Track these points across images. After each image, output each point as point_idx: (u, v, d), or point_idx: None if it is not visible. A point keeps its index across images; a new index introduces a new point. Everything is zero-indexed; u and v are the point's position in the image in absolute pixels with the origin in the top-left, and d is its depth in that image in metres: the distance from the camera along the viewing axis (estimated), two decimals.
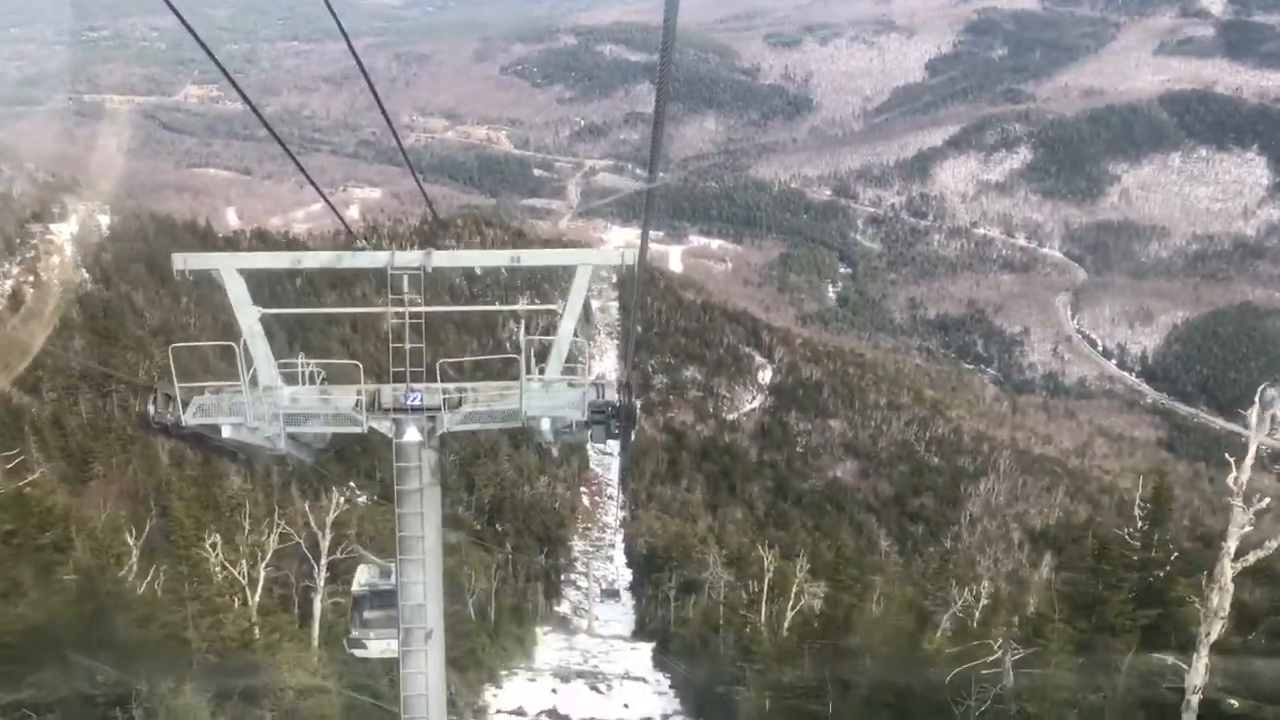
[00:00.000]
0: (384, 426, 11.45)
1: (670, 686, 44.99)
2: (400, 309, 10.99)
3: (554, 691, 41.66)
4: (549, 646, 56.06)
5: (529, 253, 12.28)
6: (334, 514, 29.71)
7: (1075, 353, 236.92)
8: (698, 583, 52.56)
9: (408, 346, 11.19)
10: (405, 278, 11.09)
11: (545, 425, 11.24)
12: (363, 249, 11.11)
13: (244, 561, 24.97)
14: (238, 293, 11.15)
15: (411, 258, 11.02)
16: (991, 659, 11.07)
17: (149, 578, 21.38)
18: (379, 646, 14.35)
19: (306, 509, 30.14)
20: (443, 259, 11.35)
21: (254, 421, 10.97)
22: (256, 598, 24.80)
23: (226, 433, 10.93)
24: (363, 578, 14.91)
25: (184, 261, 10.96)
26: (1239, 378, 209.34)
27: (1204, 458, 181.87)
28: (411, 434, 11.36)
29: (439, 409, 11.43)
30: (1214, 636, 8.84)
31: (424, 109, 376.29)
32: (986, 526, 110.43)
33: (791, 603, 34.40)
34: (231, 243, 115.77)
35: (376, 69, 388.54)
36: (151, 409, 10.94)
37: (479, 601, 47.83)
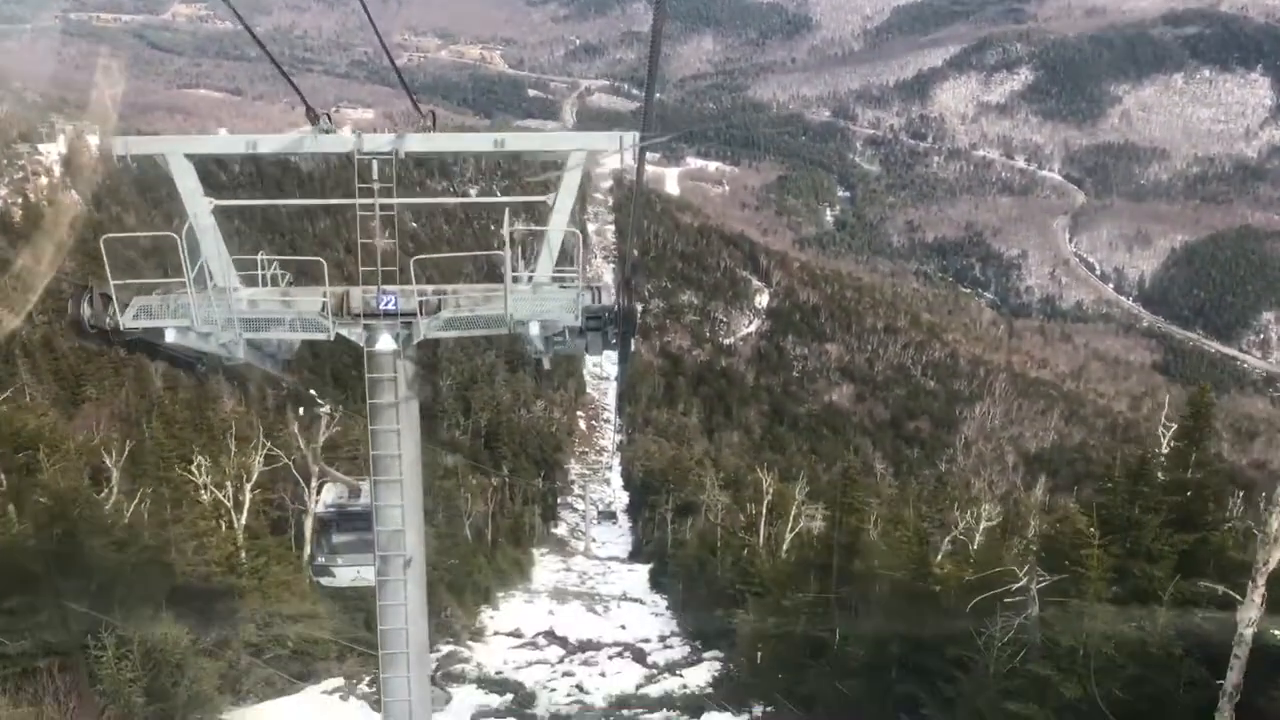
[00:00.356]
0: (354, 334, 10.31)
1: (667, 608, 44.49)
2: (370, 200, 9.74)
3: (551, 613, 41.12)
4: (546, 568, 55.64)
5: (515, 136, 10.62)
6: (325, 435, 28.17)
7: (1073, 276, 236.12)
8: (694, 505, 52.17)
9: (379, 243, 10.04)
10: (375, 165, 9.80)
11: (534, 330, 9.91)
12: (328, 131, 9.63)
13: (229, 484, 23.85)
14: (186, 181, 9.69)
15: (381, 141, 9.73)
16: (1017, 585, 10.32)
17: (135, 502, 20.63)
18: (348, 574, 13.01)
19: (296, 430, 28.46)
20: (417, 143, 9.92)
21: (204, 326, 9.65)
22: (243, 520, 23.69)
23: (171, 338, 9.57)
24: (328, 498, 13.57)
25: (125, 146, 9.47)
26: (1236, 301, 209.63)
27: (1199, 381, 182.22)
28: (385, 342, 10.26)
29: (415, 314, 10.19)
30: (1272, 565, 8.19)
31: (416, 28, 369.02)
32: (982, 449, 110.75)
33: (790, 525, 33.82)
34: (222, 163, 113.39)
35: None
36: (86, 310, 9.37)
37: (476, 524, 47.46)
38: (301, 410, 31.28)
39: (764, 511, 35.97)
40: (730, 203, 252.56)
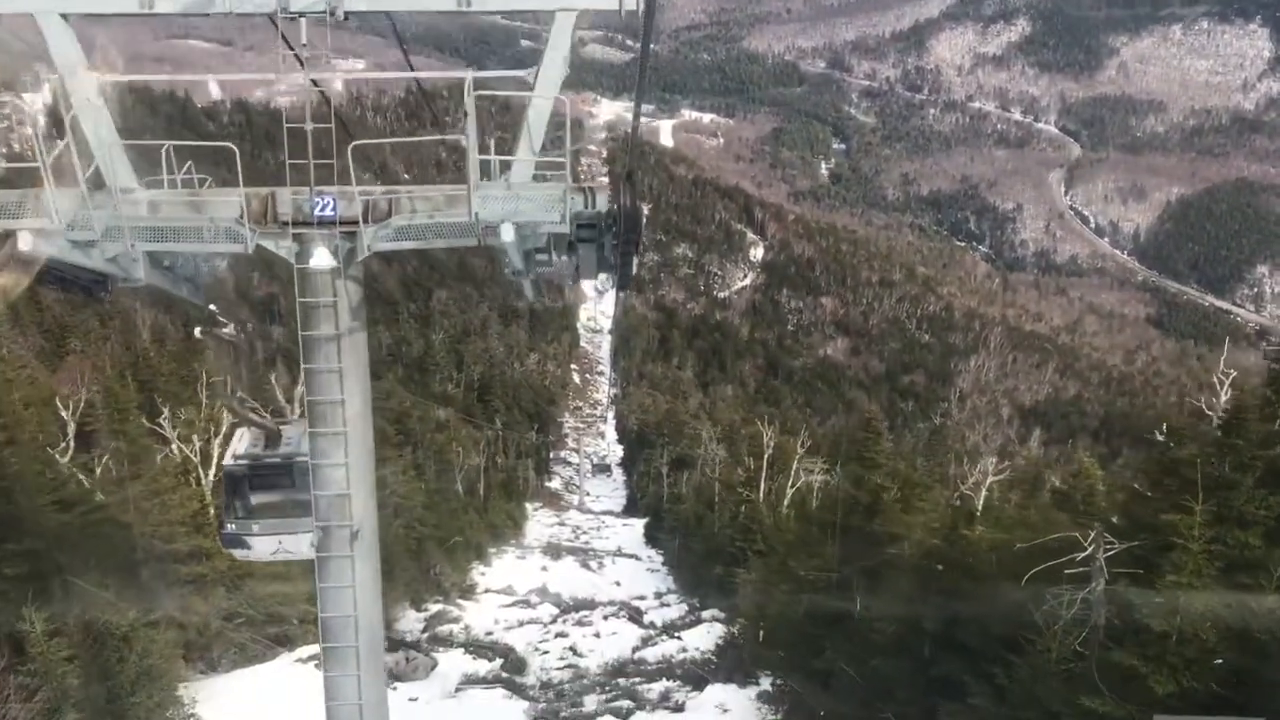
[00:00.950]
0: (281, 247, 7.99)
1: (663, 564, 43.57)
2: (300, 74, 7.66)
3: (544, 569, 39.99)
4: (540, 522, 54.64)
5: None
6: (301, 386, 26.90)
7: (1068, 230, 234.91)
8: (690, 459, 51.08)
9: (309, 128, 7.62)
10: (304, 27, 7.71)
11: (508, 237, 7.43)
12: None
13: (196, 438, 21.77)
14: (64, 49, 7.52)
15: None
16: (1082, 555, 8.77)
17: (104, 459, 19.10)
18: (267, 546, 9.54)
19: (274, 380, 26.58)
20: (360, 2, 7.74)
21: (81, 232, 7.32)
22: (210, 476, 21.43)
23: (25, 245, 7.16)
24: (240, 447, 9.86)
25: None
26: (1230, 255, 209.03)
27: (1192, 335, 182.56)
28: (321, 257, 7.83)
29: (358, 221, 7.79)
30: None
31: None
32: (977, 403, 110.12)
33: (791, 480, 32.42)
34: (211, 113, 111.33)
35: None
36: None
37: (469, 478, 46.45)
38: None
39: (764, 466, 34.34)
40: (725, 155, 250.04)
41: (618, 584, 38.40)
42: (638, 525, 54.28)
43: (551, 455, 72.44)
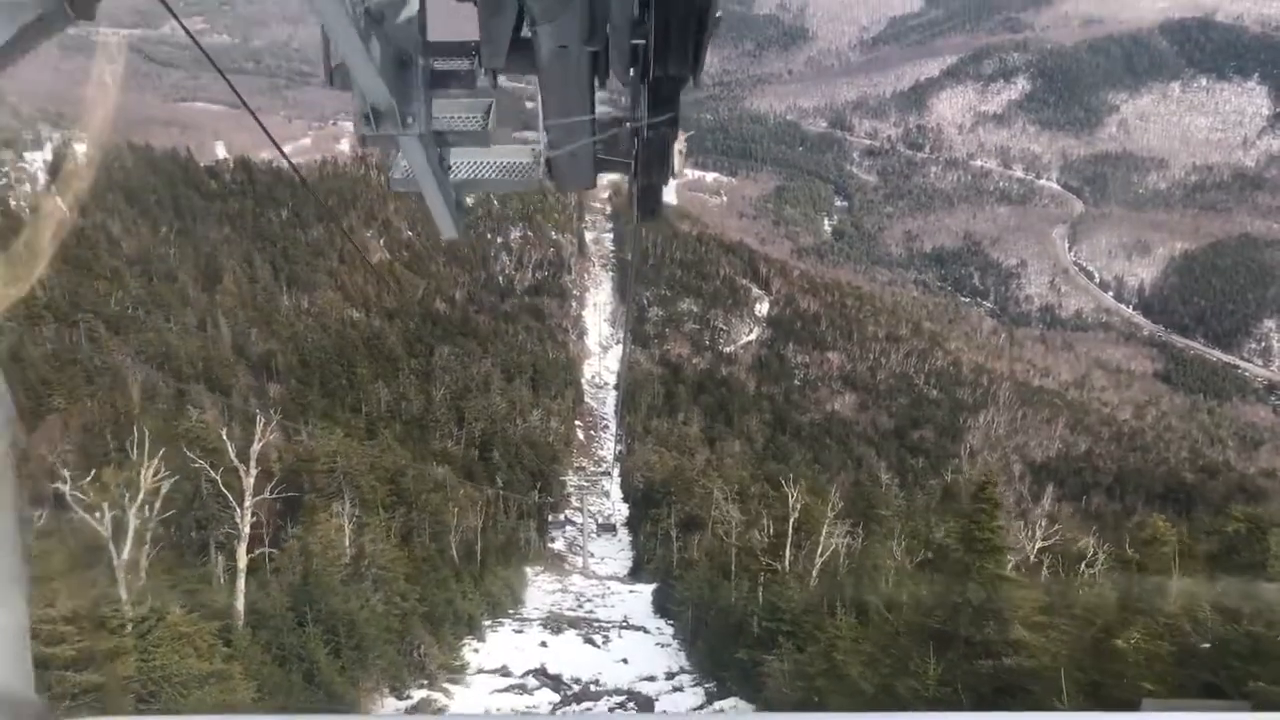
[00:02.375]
0: None
1: (674, 637, 40.42)
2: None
3: (543, 645, 37.46)
4: (540, 588, 52.03)
5: None
6: (260, 442, 24.40)
7: (1072, 285, 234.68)
8: (699, 519, 49.63)
9: None
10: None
11: None
12: None
13: (106, 507, 18.76)
14: None
15: None
16: None
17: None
18: None
19: (224, 435, 24.83)
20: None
21: None
22: (123, 556, 18.46)
23: None
24: None
25: None
26: (1236, 310, 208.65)
27: (1201, 390, 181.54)
28: None
29: None
30: None
31: None
32: (987, 459, 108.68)
33: (821, 548, 29.42)
34: (213, 172, 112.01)
35: None
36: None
37: (466, 540, 44.60)
38: (260, 418, 28.41)
39: (790, 531, 31.47)
40: (728, 213, 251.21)
41: (625, 661, 35.74)
42: (645, 592, 51.46)
43: (551, 518, 70.80)
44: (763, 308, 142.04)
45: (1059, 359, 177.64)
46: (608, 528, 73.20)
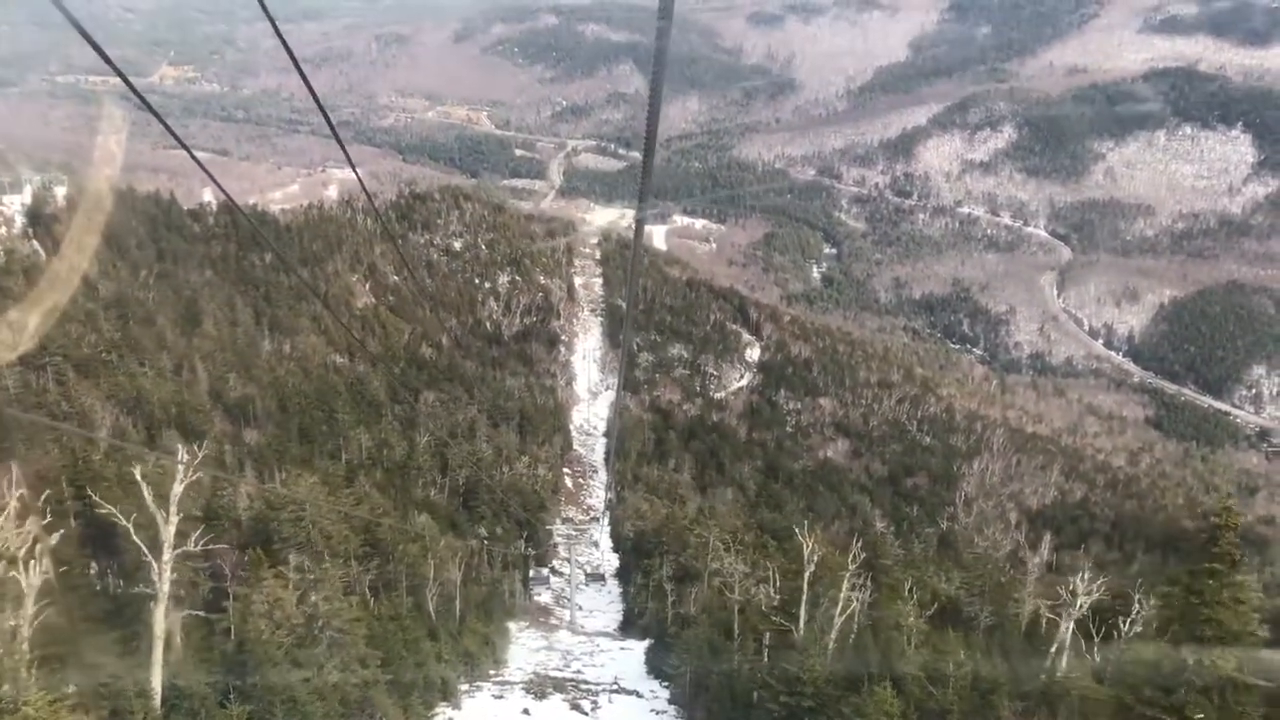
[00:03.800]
0: None
1: (669, 703, 36.73)
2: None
3: (525, 713, 33.65)
4: (524, 645, 48.53)
5: None
6: (181, 485, 20.94)
7: (1061, 332, 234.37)
8: (694, 571, 47.11)
9: None
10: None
11: None
12: None
13: None
14: None
15: None
16: None
17: None
18: None
19: (139, 476, 20.80)
20: None
21: None
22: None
23: None
24: None
25: None
26: (1226, 356, 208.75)
27: (1193, 436, 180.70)
28: None
29: None
30: None
31: (404, 90, 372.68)
32: (983, 506, 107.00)
33: (841, 607, 26.30)
34: (196, 215, 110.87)
35: (355, 50, 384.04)
36: None
37: (447, 592, 41.58)
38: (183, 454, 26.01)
39: (805, 587, 27.50)
40: (717, 260, 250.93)
41: None
42: (637, 649, 47.90)
43: (533, 573, 67.63)
44: (754, 353, 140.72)
45: (1051, 406, 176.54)
46: (596, 577, 70.91)
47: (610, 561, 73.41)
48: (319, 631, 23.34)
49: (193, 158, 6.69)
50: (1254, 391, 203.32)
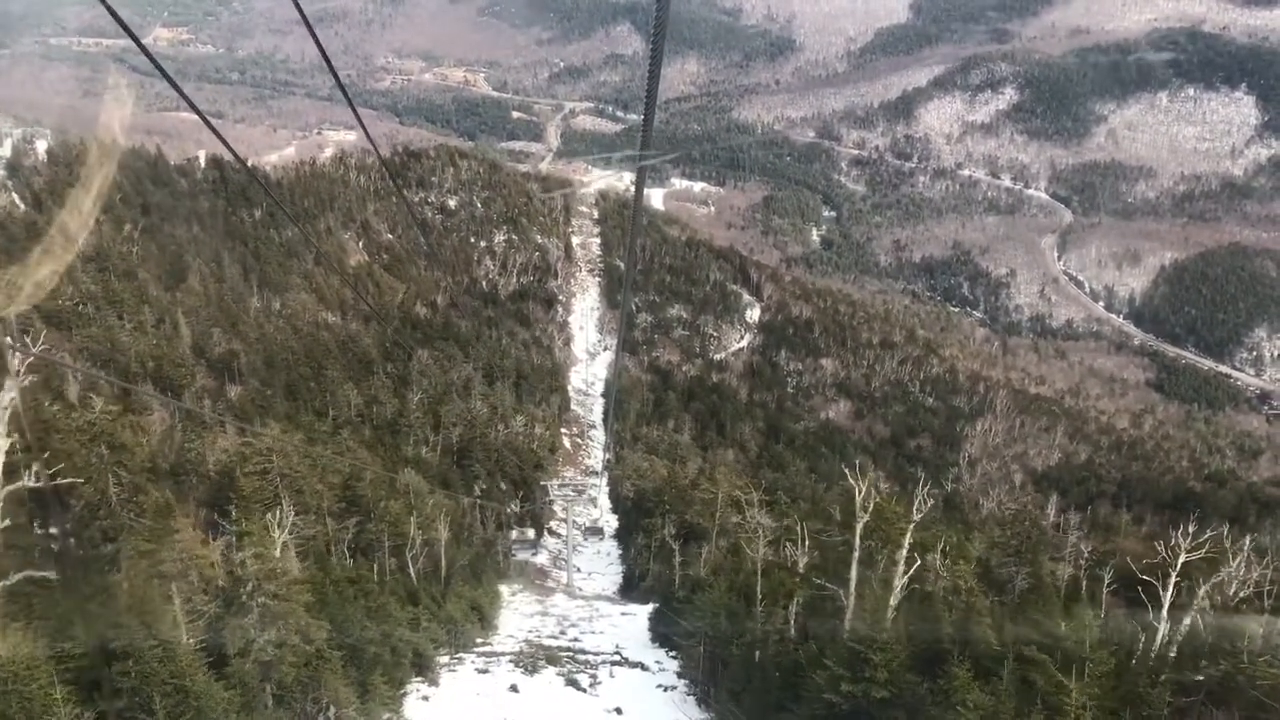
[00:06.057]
0: None
1: (680, 677, 32.60)
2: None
3: (513, 689, 29.30)
4: (518, 611, 45.25)
5: None
6: (13, 394, 16.08)
7: (1062, 295, 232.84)
8: (700, 529, 44.90)
9: None
10: None
11: None
12: None
13: None
14: None
15: None
16: None
17: None
18: None
19: None
20: None
21: None
22: None
23: None
24: None
25: None
26: (1227, 319, 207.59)
27: (1194, 399, 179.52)
28: None
29: None
30: None
31: (400, 51, 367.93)
32: (987, 467, 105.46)
33: (904, 569, 21.34)
34: (183, 170, 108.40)
35: (352, 11, 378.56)
36: None
37: (433, 554, 38.57)
38: None
39: (857, 543, 22.43)
40: (716, 223, 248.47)
41: (619, 713, 28.15)
42: (640, 614, 44.03)
43: (516, 534, 64.90)
44: (754, 314, 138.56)
45: (1053, 368, 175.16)
46: (595, 530, 68.98)
47: (609, 522, 71.64)
48: (247, 598, 18.98)
49: (205, 121, 6.92)
50: (1255, 354, 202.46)
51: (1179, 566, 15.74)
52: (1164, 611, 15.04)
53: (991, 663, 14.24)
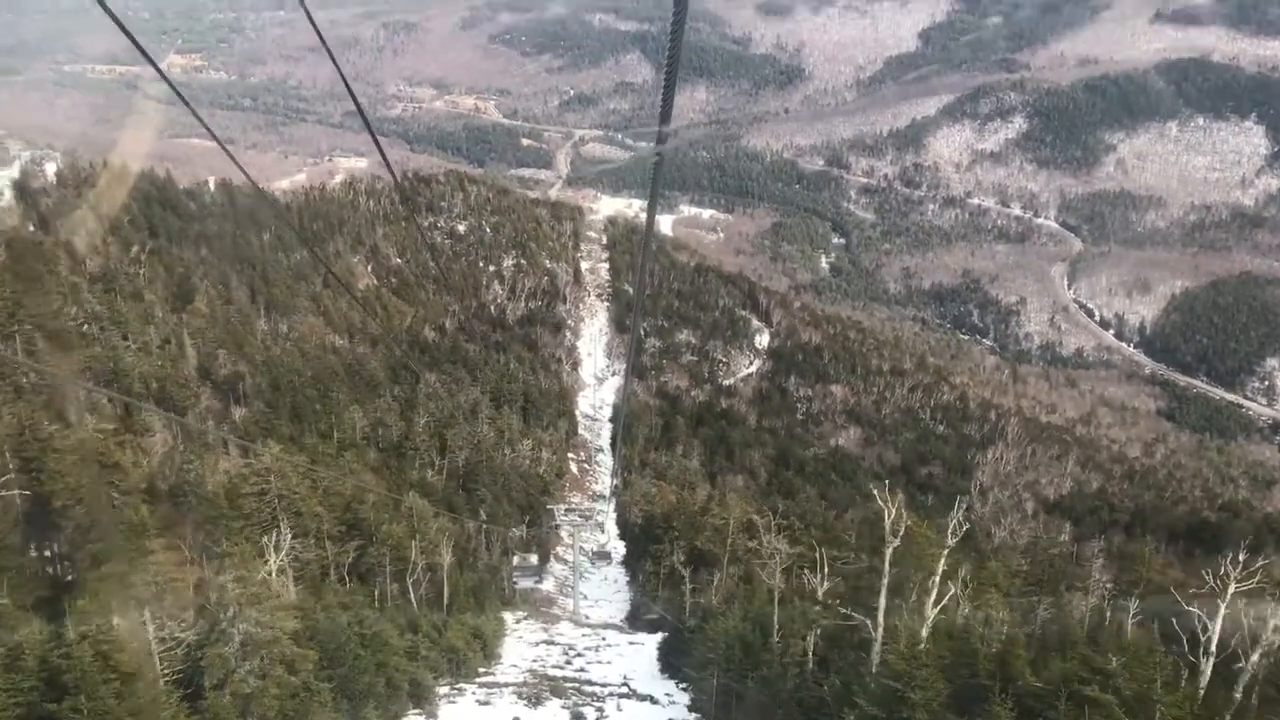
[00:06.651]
0: None
1: (691, 710, 31.52)
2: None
3: None
4: (521, 639, 44.04)
5: None
6: None
7: (1072, 323, 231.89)
8: (710, 556, 43.91)
9: None
10: None
11: None
12: None
13: None
14: None
15: None
16: None
17: None
18: None
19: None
20: None
21: None
22: None
23: None
24: None
25: None
26: (1238, 348, 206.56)
27: (1205, 428, 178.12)
28: None
29: None
30: None
31: (411, 78, 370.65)
32: (999, 496, 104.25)
33: (935, 596, 20.63)
34: (192, 194, 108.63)
35: (364, 38, 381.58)
36: None
37: (435, 580, 37.72)
38: None
39: (886, 568, 21.44)
40: (725, 249, 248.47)
41: None
42: (649, 644, 42.90)
43: (518, 559, 63.23)
44: (763, 340, 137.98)
45: (1063, 396, 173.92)
46: (602, 555, 67.97)
47: (616, 548, 70.73)
48: (228, 624, 17.90)
49: (219, 143, 7.45)
50: (1266, 384, 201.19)
51: (1228, 598, 14.98)
52: (1213, 646, 14.28)
53: (1034, 701, 13.34)
